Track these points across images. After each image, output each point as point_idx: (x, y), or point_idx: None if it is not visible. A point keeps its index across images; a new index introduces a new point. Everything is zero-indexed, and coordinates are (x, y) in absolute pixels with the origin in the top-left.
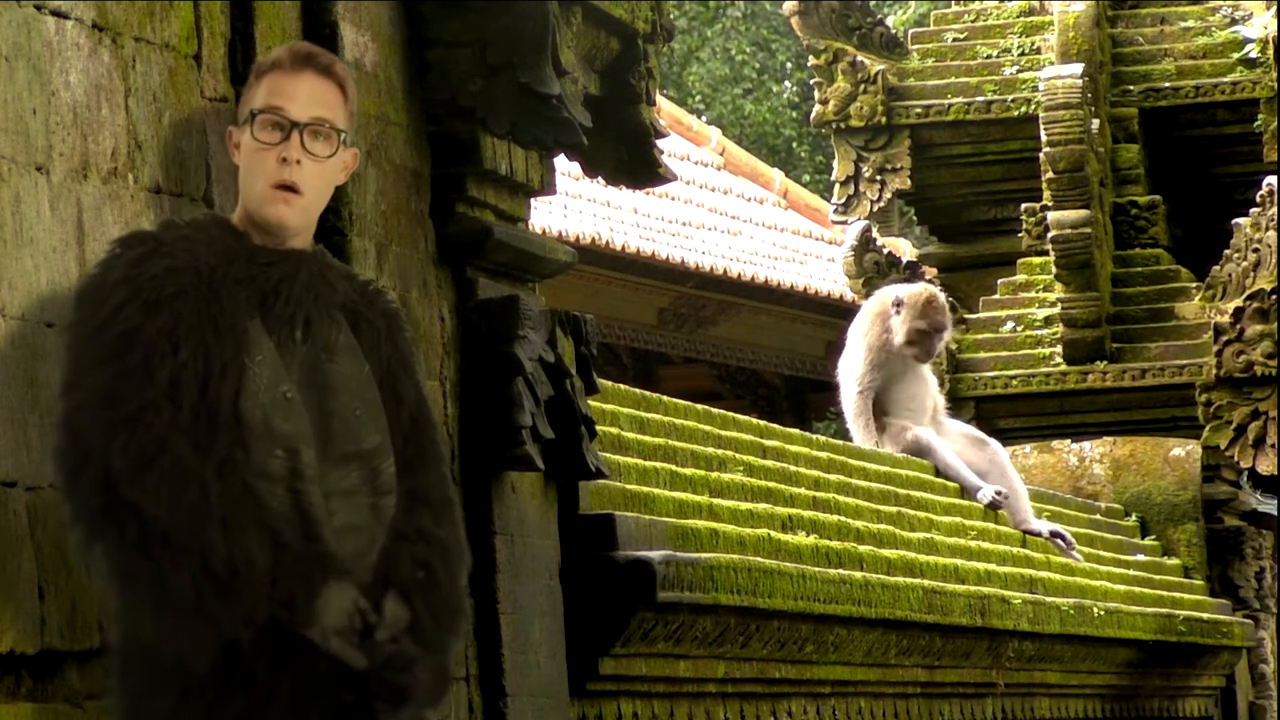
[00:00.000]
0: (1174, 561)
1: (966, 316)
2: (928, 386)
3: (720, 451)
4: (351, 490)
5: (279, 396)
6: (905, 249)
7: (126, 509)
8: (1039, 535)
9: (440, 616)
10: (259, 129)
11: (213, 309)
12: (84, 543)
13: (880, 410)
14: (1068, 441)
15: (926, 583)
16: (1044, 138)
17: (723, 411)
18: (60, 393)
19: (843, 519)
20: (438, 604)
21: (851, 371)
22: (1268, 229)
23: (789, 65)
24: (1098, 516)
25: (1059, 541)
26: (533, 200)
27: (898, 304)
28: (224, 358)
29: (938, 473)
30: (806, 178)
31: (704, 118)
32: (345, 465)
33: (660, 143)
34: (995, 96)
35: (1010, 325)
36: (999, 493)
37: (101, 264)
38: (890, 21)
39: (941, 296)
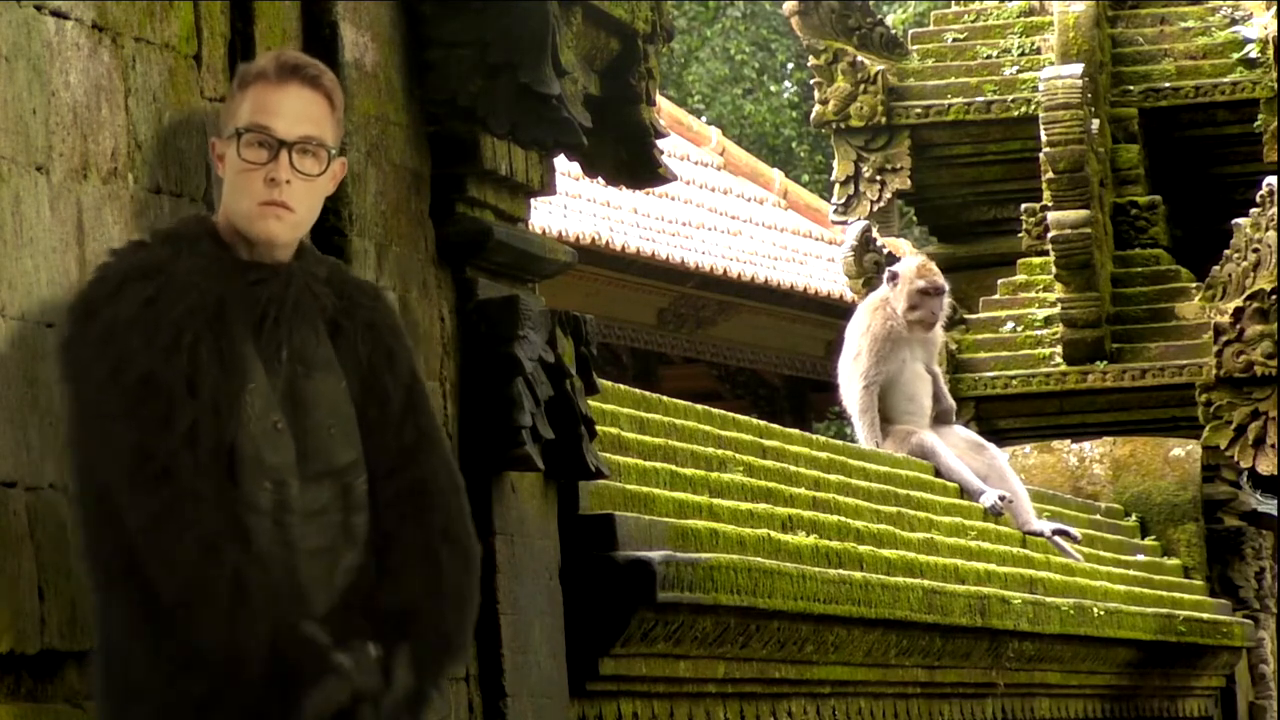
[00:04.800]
0: (1174, 561)
1: (966, 316)
2: (926, 388)
3: (720, 451)
4: (322, 509)
5: (269, 427)
6: (905, 249)
7: (142, 566)
8: (1042, 535)
9: (439, 677)
10: (245, 148)
11: (223, 345)
12: (93, 588)
13: (881, 415)
14: (1068, 441)
15: (926, 583)
16: (1044, 138)
17: (723, 411)
18: (74, 439)
19: (843, 519)
20: (441, 666)
21: (856, 367)
22: (1268, 229)
23: (789, 65)
24: (1098, 516)
25: (1059, 540)
26: (533, 200)
27: (892, 277)
28: (231, 393)
29: (939, 474)
30: (806, 178)
31: (704, 118)
32: (319, 483)
33: (660, 143)
34: (995, 96)
35: (1010, 325)
36: (1002, 497)
37: (105, 292)
38: (890, 21)
39: (932, 263)
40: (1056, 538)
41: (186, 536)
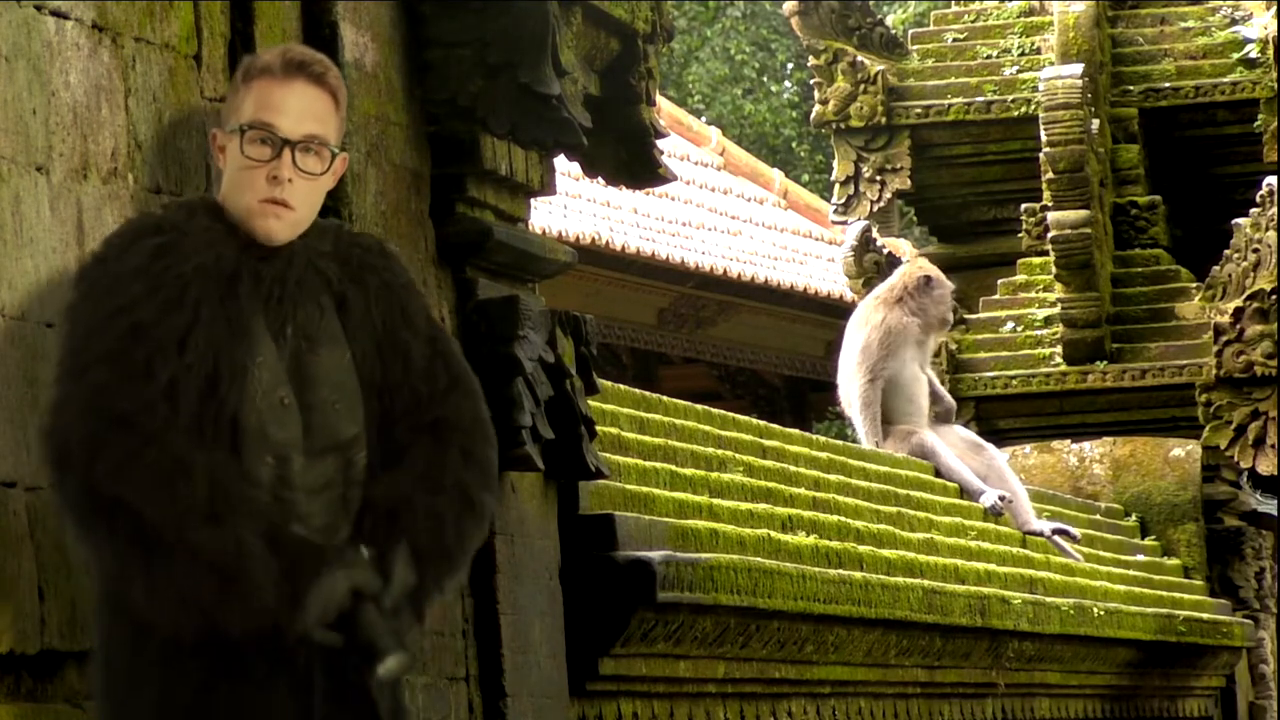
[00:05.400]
0: (1174, 561)
1: (966, 316)
2: (924, 389)
3: (720, 451)
4: (325, 485)
5: (276, 402)
6: (905, 249)
7: (114, 505)
8: (1042, 535)
9: (441, 578)
10: (248, 144)
11: (230, 310)
12: (73, 533)
13: (881, 416)
14: (1068, 441)
15: (926, 583)
16: (1044, 138)
17: (723, 411)
18: (57, 376)
19: (843, 519)
20: (441, 568)
21: (861, 362)
22: (1268, 229)
23: (789, 65)
24: (1098, 516)
25: (1059, 540)
26: (533, 200)
27: (926, 280)
28: (234, 361)
29: (939, 474)
30: (806, 178)
31: (704, 118)
32: (323, 459)
33: (660, 143)
34: (995, 96)
35: (1010, 325)
36: (1002, 497)
37: (115, 247)
38: (890, 21)
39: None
40: (1056, 538)
41: (154, 469)
